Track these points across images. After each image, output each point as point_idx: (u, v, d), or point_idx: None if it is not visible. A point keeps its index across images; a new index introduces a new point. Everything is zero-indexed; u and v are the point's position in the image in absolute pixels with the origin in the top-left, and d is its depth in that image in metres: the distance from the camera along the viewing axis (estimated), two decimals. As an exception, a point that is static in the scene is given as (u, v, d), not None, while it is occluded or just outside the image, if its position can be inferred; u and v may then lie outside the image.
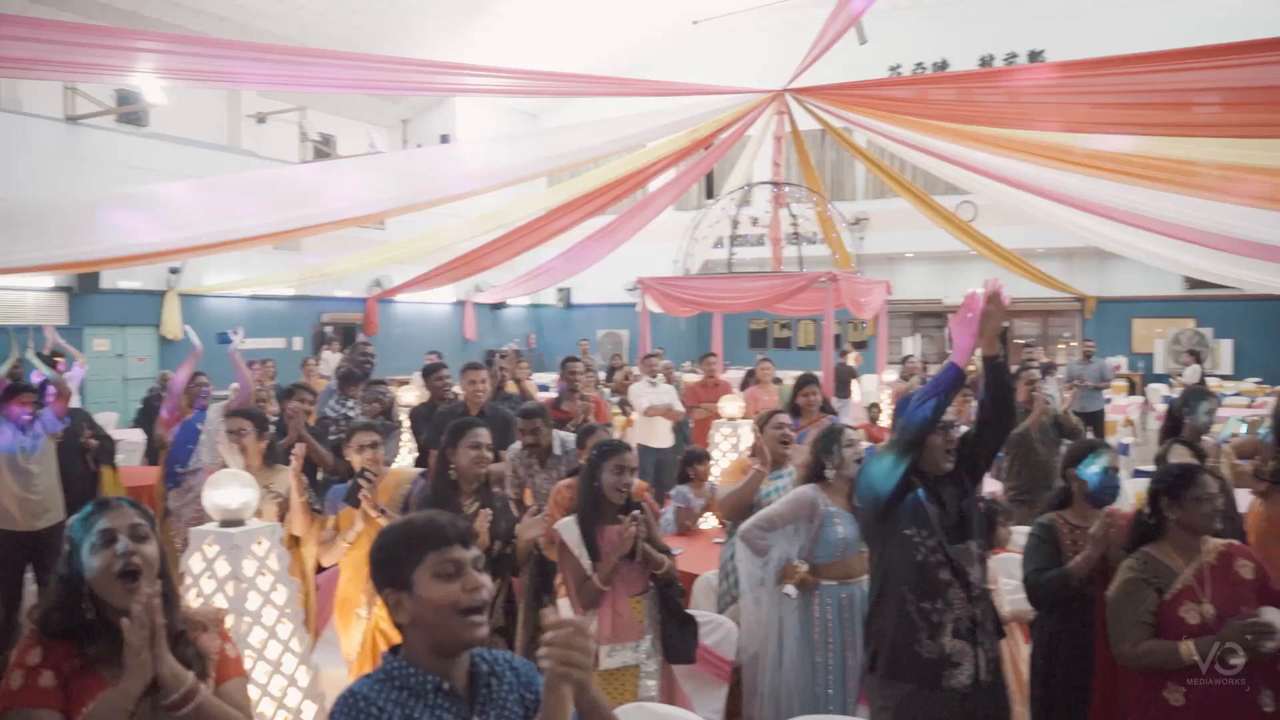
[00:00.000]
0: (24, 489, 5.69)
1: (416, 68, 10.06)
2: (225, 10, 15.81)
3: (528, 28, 18.65)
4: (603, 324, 22.31)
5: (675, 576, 3.97)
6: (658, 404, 9.19)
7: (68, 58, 7.11)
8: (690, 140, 11.23)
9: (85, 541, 2.25)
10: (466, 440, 3.95)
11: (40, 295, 14.08)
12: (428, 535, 1.90)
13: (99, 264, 11.90)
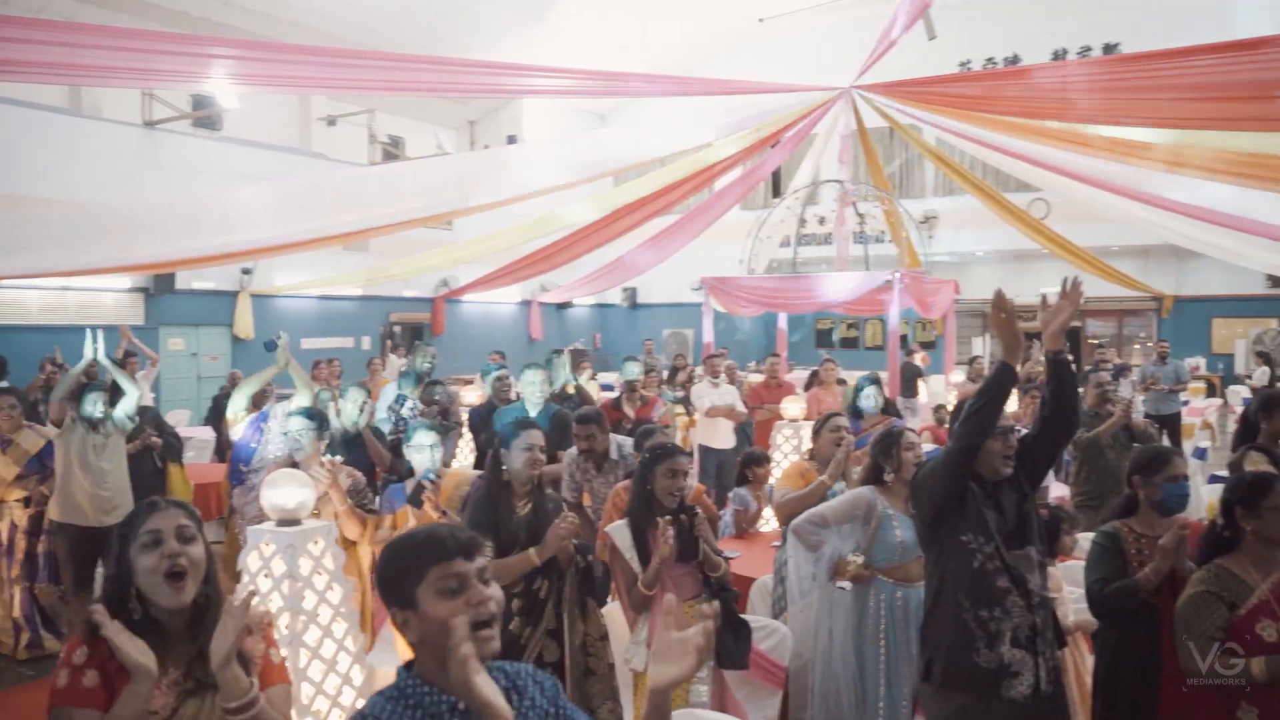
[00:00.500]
0: (95, 485, 5.82)
1: (483, 70, 10.13)
2: (294, 15, 16.07)
3: (592, 27, 18.67)
4: (668, 323, 22.28)
5: (729, 581, 3.92)
6: (719, 405, 9.13)
7: (147, 65, 7.32)
8: (755, 139, 11.14)
9: (134, 542, 2.27)
10: (520, 442, 3.94)
11: (118, 296, 14.45)
12: (428, 550, 1.82)
13: (174, 265, 12.20)
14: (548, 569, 3.83)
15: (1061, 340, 3.18)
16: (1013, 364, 3.14)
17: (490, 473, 4.03)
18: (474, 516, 3.91)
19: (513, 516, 3.89)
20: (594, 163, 10.37)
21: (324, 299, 17.35)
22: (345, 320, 17.81)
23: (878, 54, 9.65)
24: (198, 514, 2.40)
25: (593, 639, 3.89)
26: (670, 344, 21.86)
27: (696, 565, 3.80)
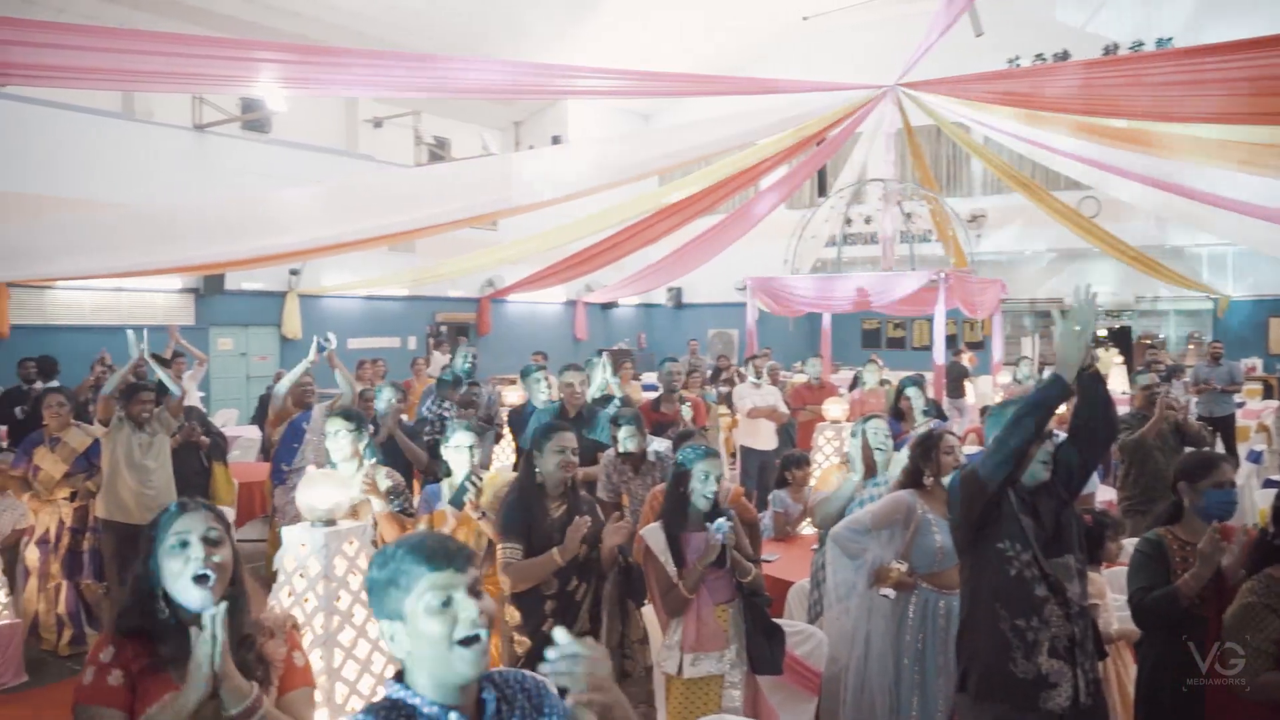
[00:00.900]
0: (140, 484, 5.90)
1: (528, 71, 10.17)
2: (340, 19, 16.22)
3: (637, 27, 18.66)
4: (713, 323, 22.19)
5: (762, 585, 3.88)
6: (761, 405, 9.08)
7: (197, 70, 7.44)
8: (798, 138, 11.08)
9: (161, 543, 2.29)
10: (552, 444, 3.93)
11: (169, 296, 14.69)
12: (420, 561, 1.76)
13: (224, 266, 12.40)
14: (585, 570, 3.81)
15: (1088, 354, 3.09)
16: (1066, 378, 3.05)
17: (523, 475, 4.02)
18: (506, 519, 3.90)
19: (546, 519, 3.88)
20: (638, 162, 10.35)
21: (370, 299, 17.52)
22: (391, 320, 17.96)
23: (921, 51, 9.54)
24: (225, 516, 2.41)
25: (631, 641, 3.89)
26: (715, 344, 21.80)
27: (729, 569, 3.77)
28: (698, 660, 3.68)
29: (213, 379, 14.80)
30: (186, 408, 7.31)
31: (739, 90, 11.78)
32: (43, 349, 11.98)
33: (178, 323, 14.24)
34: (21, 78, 9.81)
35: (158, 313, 14.46)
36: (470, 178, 10.50)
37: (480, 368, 16.25)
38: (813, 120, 10.62)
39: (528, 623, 3.80)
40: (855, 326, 21.37)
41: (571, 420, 6.25)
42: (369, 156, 17.53)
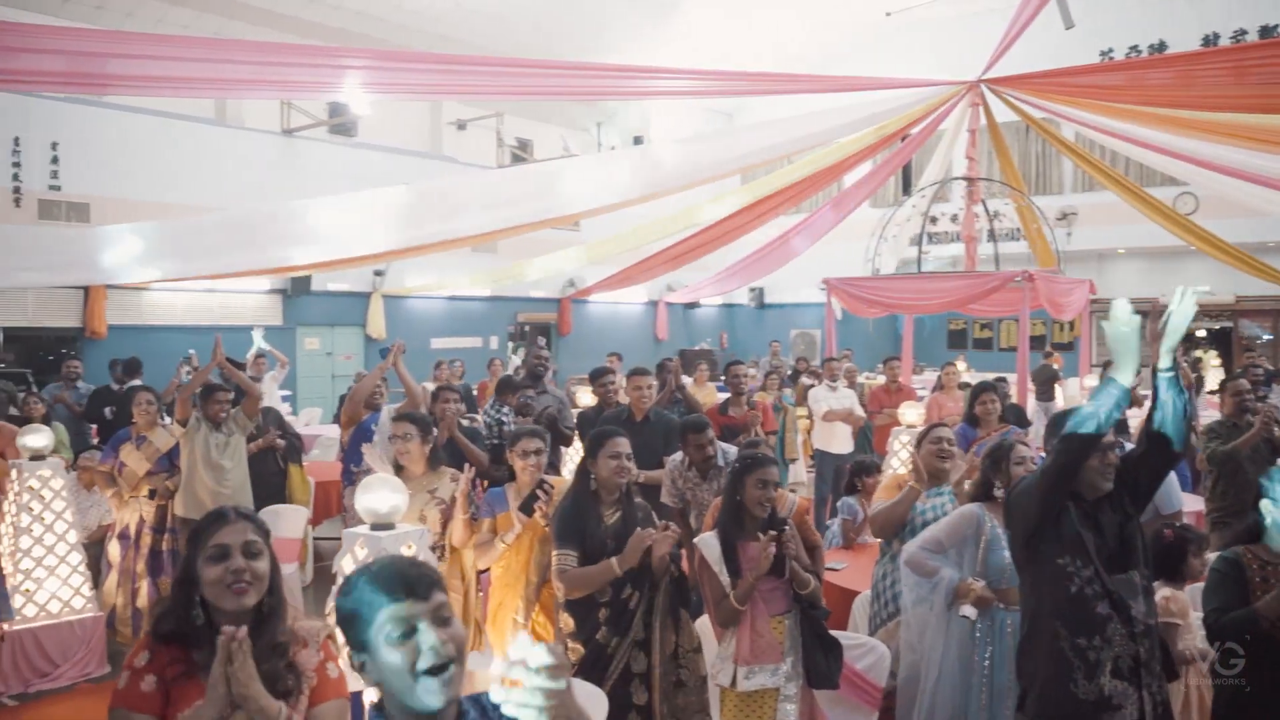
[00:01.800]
0: (216, 483, 6.04)
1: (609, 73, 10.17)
2: (423, 24, 16.43)
3: (719, 26, 18.56)
4: (796, 324, 21.98)
5: (820, 597, 3.79)
6: (837, 408, 8.94)
7: (285, 77, 7.60)
8: (879, 136, 10.89)
9: (201, 552, 2.31)
10: (606, 450, 3.89)
11: (258, 297, 15.06)
12: (377, 591, 1.71)
13: (311, 267, 12.67)
14: (638, 578, 3.77)
15: (1171, 356, 2.94)
16: (1125, 382, 2.92)
17: (578, 481, 4.00)
18: (560, 525, 3.88)
19: (600, 525, 3.85)
20: (719, 162, 10.27)
21: (453, 299, 17.74)
22: (474, 320, 18.16)
23: (1003, 46, 9.29)
24: (265, 526, 2.43)
25: (685, 650, 3.83)
26: (798, 344, 21.59)
27: (787, 580, 3.68)
28: (752, 673, 3.60)
29: (299, 378, 15.14)
30: (264, 409, 7.46)
31: (820, 88, 11.63)
32: (138, 349, 12.38)
33: (265, 323, 14.63)
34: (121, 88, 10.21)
35: (247, 313, 14.83)
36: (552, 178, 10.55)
37: (561, 368, 16.47)
38: (894, 118, 10.42)
39: (581, 630, 3.78)
40: (941, 327, 20.97)
41: (638, 424, 6.21)
42: (452, 159, 17.75)
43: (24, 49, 6.54)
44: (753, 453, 3.89)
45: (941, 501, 4.39)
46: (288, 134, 15.38)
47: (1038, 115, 11.18)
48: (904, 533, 4.35)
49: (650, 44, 18.31)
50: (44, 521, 5.86)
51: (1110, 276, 18.84)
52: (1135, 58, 16.45)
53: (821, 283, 11.19)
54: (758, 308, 22.93)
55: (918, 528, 4.27)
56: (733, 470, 3.86)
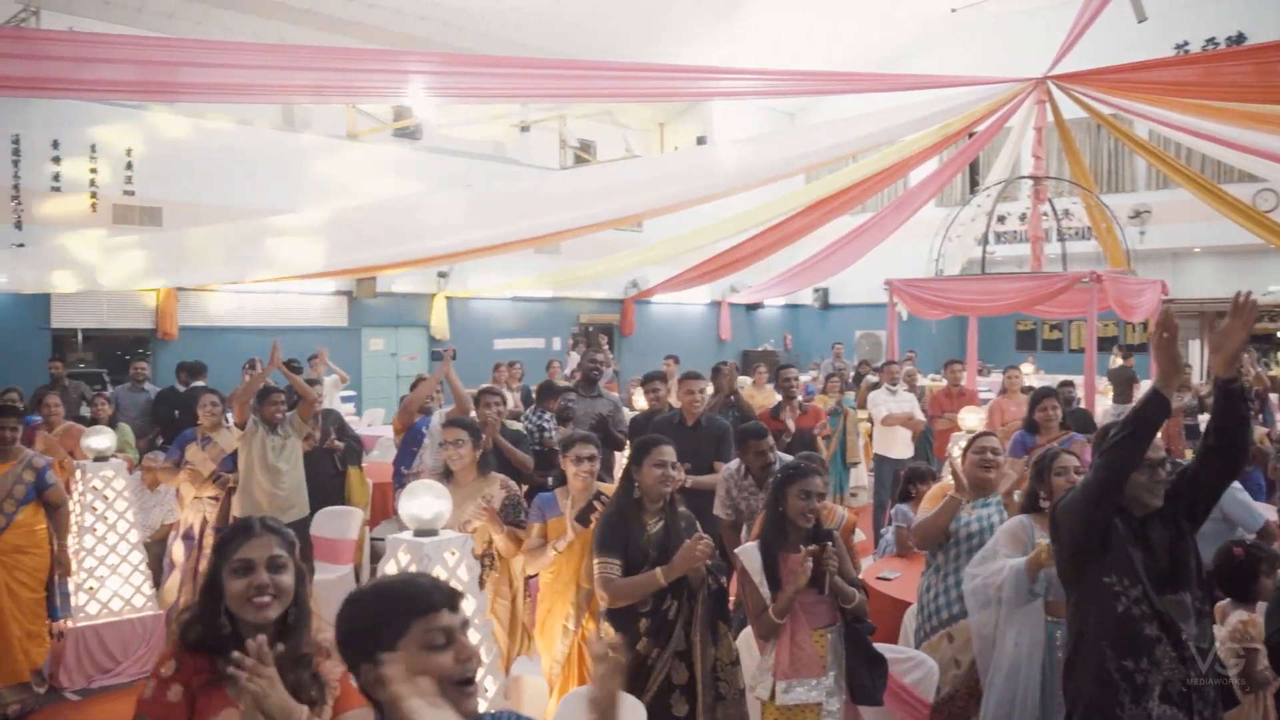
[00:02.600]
0: (273, 485, 6.12)
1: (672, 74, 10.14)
2: (485, 27, 16.54)
3: (781, 25, 18.42)
4: (861, 324, 21.70)
5: (865, 612, 3.71)
6: (896, 413, 8.80)
7: (350, 82, 7.71)
8: (942, 135, 10.70)
9: (226, 563, 2.32)
10: (651, 458, 3.84)
11: (324, 299, 15.28)
12: (412, 601, 1.74)
13: (376, 269, 12.84)
14: (678, 589, 3.72)
15: (1234, 367, 2.79)
16: (1166, 393, 2.81)
17: (621, 488, 3.95)
18: (602, 533, 3.84)
19: (643, 534, 3.81)
20: (782, 161, 10.18)
21: (516, 300, 17.85)
22: (537, 321, 18.26)
23: (1070, 40, 9.07)
24: (292, 538, 2.43)
25: (723, 664, 3.77)
26: (862, 345, 21.33)
27: (830, 594, 3.61)
28: (790, 687, 3.53)
29: (363, 378, 15.34)
30: (325, 411, 7.54)
31: (883, 87, 11.47)
32: (207, 349, 12.68)
33: (331, 324, 14.89)
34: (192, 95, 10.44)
35: (313, 314, 15.07)
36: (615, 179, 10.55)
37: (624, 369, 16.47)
38: (958, 116, 10.23)
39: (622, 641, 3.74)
40: (1008, 328, 20.57)
41: (690, 429, 6.15)
42: (515, 160, 17.86)
43: (99, 59, 6.73)
44: (796, 462, 3.82)
45: (988, 513, 4.26)
46: (353, 138, 15.59)
47: (1108, 112, 10.91)
48: (946, 544, 4.23)
49: (712, 44, 18.23)
50: (107, 521, 5.99)
51: (1186, 276, 18.31)
52: (1212, 50, 15.95)
53: (884, 284, 11.03)
54: (822, 309, 22.71)
55: (960, 540, 4.16)
56: (775, 480, 3.80)
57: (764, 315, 22.89)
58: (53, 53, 6.61)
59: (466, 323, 16.85)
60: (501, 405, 6.37)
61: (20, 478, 5.51)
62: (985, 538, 4.10)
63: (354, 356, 15.51)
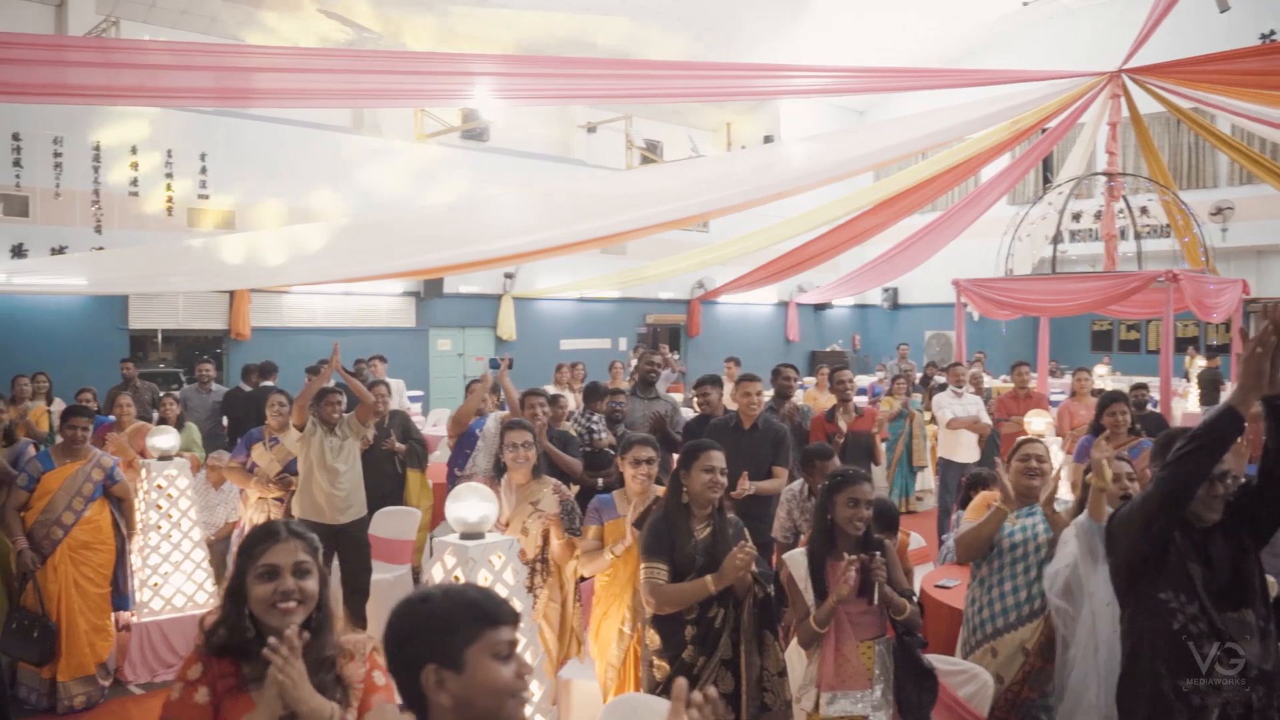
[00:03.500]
0: (331, 486, 6.16)
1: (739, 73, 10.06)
2: (553, 28, 16.58)
3: (850, 26, 18.22)
4: (931, 325, 21.37)
5: (917, 624, 3.60)
6: (962, 416, 8.60)
7: (419, 85, 7.81)
8: (1012, 131, 10.47)
9: (251, 568, 2.32)
10: (700, 463, 3.76)
11: (392, 300, 15.48)
12: (486, 611, 1.81)
13: (444, 270, 12.96)
14: (724, 596, 3.66)
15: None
16: (1243, 410, 2.66)
17: (669, 494, 3.89)
18: (651, 539, 3.78)
19: (690, 540, 3.74)
20: (849, 159, 10.05)
21: (582, 301, 17.90)
22: (603, 322, 18.28)
23: (1146, 31, 8.81)
24: (316, 543, 2.43)
25: (770, 674, 3.69)
26: (932, 346, 21.00)
27: (879, 605, 3.52)
28: (834, 699, 3.45)
29: (430, 379, 15.50)
30: (392, 412, 7.59)
31: (953, 83, 11.26)
32: (279, 350, 12.93)
33: (399, 325, 15.08)
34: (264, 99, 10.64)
35: (382, 315, 15.27)
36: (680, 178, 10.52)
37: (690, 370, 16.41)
38: (1029, 112, 10.00)
39: (667, 648, 3.68)
40: (1083, 328, 20.07)
41: (746, 432, 6.07)
42: (581, 161, 17.91)
43: (175, 66, 6.89)
44: (844, 469, 3.73)
45: (1033, 522, 4.09)
46: (421, 140, 15.76)
47: (1187, 106, 10.58)
48: (989, 555, 4.08)
49: (781, 43, 18.09)
50: (171, 519, 6.11)
51: (1272, 275, 17.69)
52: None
53: (951, 283, 10.83)
54: (891, 309, 22.40)
55: (1004, 551, 4.00)
56: (824, 487, 3.72)
57: (832, 316, 22.66)
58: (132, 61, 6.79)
59: (533, 324, 16.95)
60: (547, 406, 6.37)
61: (89, 476, 5.66)
62: (1029, 548, 3.97)
63: (421, 357, 15.69)
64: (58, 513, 5.53)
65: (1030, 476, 4.15)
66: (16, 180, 12.08)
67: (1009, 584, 3.92)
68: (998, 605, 3.95)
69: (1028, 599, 3.89)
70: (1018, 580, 3.93)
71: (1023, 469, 4.18)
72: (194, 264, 10.52)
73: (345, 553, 6.29)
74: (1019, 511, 4.09)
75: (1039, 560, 3.92)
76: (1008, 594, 3.90)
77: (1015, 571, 3.94)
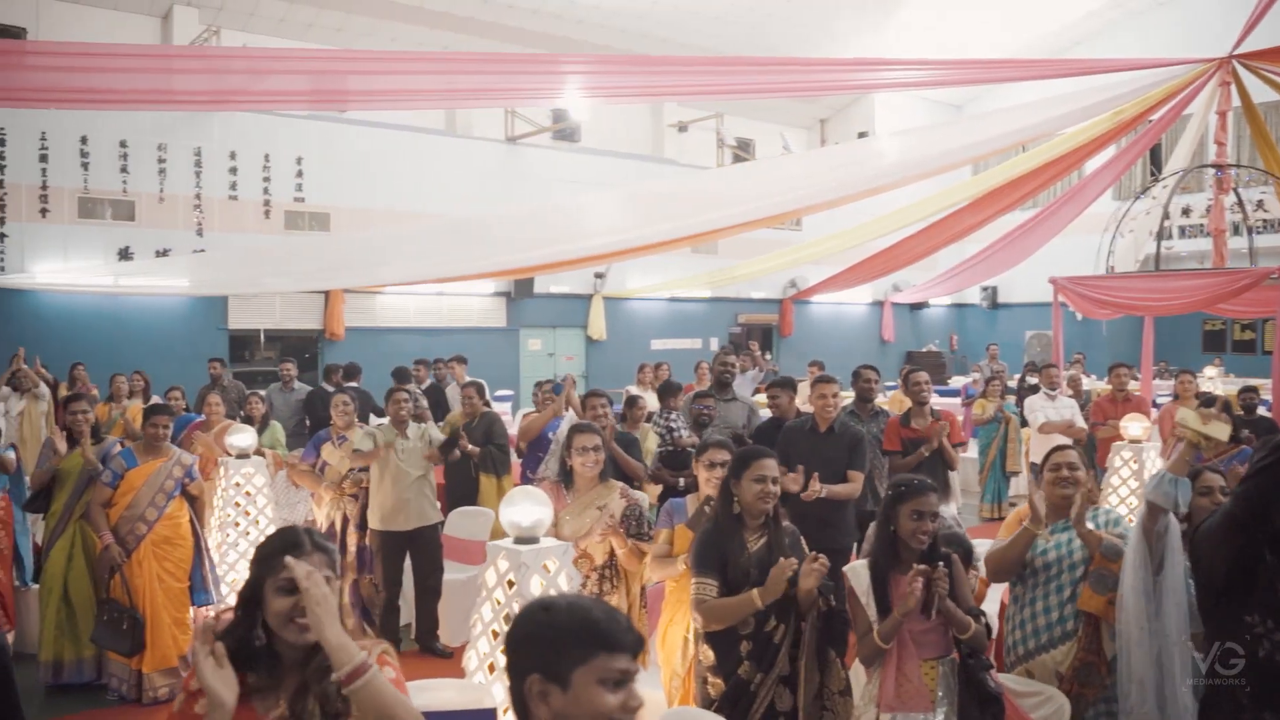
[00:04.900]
0: (399, 490, 6.13)
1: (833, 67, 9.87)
2: (645, 27, 16.54)
3: (945, 21, 17.79)
4: (1031, 324, 20.67)
5: (983, 645, 3.41)
6: (1055, 419, 8.26)
7: (511, 85, 7.84)
8: (1115, 123, 10.03)
9: (269, 578, 2.27)
10: (751, 472, 3.62)
11: (484, 300, 15.62)
12: (604, 635, 1.71)
13: (536, 269, 13.03)
14: (783, 610, 3.51)
15: None
16: None
17: (720, 504, 3.75)
18: (700, 552, 3.65)
19: (743, 552, 3.60)
20: (946, 152, 9.76)
21: (673, 301, 17.81)
22: (694, 322, 18.17)
23: (1257, 13, 8.33)
24: (336, 556, 2.38)
25: (831, 691, 3.54)
26: (1032, 346, 20.33)
27: (944, 622, 3.34)
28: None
29: (521, 378, 15.59)
30: (483, 413, 7.56)
31: (1052, 73, 10.86)
32: (372, 349, 13.17)
33: (490, 325, 15.21)
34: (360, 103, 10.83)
35: (473, 315, 15.42)
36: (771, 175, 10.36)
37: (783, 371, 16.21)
38: (1131, 102, 9.56)
39: (722, 665, 3.55)
40: (1194, 328, 19.19)
41: (822, 435, 5.90)
42: (672, 160, 17.83)
43: (272, 71, 7.03)
44: (909, 478, 3.55)
45: (1068, 537, 3.78)
46: (512, 142, 15.87)
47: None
48: (1024, 573, 3.82)
49: (876, 40, 17.76)
50: (248, 515, 6.20)
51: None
52: None
53: (1049, 281, 10.44)
54: (990, 308, 21.79)
55: (1037, 570, 3.73)
56: (886, 498, 3.54)
57: (929, 315, 22.16)
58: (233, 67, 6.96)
59: (623, 324, 16.93)
60: (605, 406, 6.30)
61: (170, 473, 5.78)
62: (1063, 566, 3.71)
63: (512, 357, 15.80)
64: (141, 509, 5.66)
65: (1063, 487, 3.84)
66: (123, 186, 12.52)
67: (1040, 604, 3.67)
68: (1029, 626, 3.71)
69: (1059, 620, 3.64)
70: (1050, 600, 3.68)
71: (1054, 479, 3.88)
72: (291, 265, 10.78)
73: (417, 554, 6.28)
74: (1053, 526, 3.81)
75: (1073, 580, 3.66)
76: (1039, 614, 3.66)
77: (1048, 591, 3.69)
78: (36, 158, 11.96)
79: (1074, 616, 3.60)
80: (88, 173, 12.28)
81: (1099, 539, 3.60)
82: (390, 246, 10.31)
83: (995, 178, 11.16)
